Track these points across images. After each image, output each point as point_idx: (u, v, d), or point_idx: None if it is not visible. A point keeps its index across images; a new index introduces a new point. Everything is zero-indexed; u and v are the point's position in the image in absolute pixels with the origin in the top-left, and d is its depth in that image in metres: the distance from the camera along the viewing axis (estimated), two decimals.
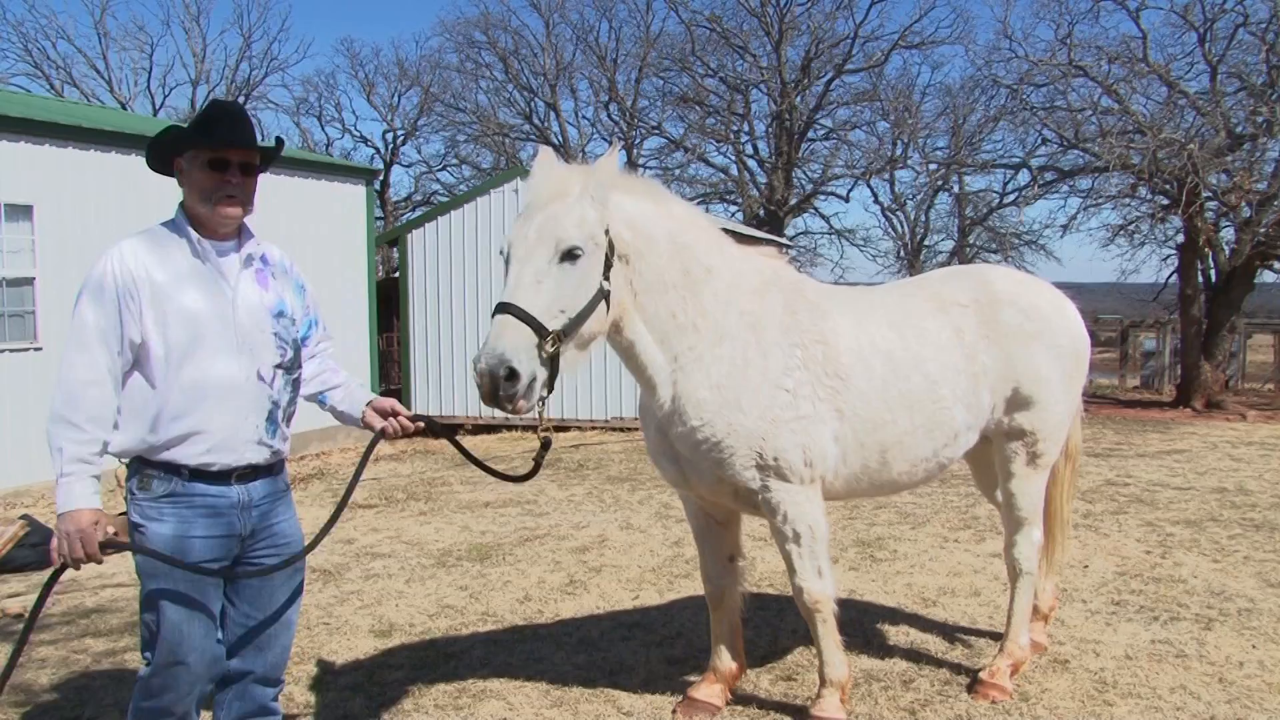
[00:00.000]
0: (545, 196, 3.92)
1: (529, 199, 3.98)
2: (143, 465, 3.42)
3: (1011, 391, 4.90)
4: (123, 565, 7.36)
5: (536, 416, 3.85)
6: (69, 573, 3.47)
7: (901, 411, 4.58)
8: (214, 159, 3.40)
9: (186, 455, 3.39)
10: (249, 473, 3.52)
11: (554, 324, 3.77)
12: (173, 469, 3.40)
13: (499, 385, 3.63)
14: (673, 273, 4.22)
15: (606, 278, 3.96)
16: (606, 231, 3.96)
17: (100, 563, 3.29)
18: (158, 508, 3.41)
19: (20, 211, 11.34)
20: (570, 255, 3.83)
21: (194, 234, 3.44)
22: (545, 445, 3.96)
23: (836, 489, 4.60)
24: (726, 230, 4.86)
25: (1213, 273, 19.58)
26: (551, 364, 3.78)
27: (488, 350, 3.66)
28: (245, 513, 3.52)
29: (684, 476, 4.51)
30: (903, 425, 4.58)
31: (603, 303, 3.96)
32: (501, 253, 3.98)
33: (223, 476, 3.46)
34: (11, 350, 11.23)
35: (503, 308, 3.74)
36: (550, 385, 3.80)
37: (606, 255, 3.95)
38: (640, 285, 4.15)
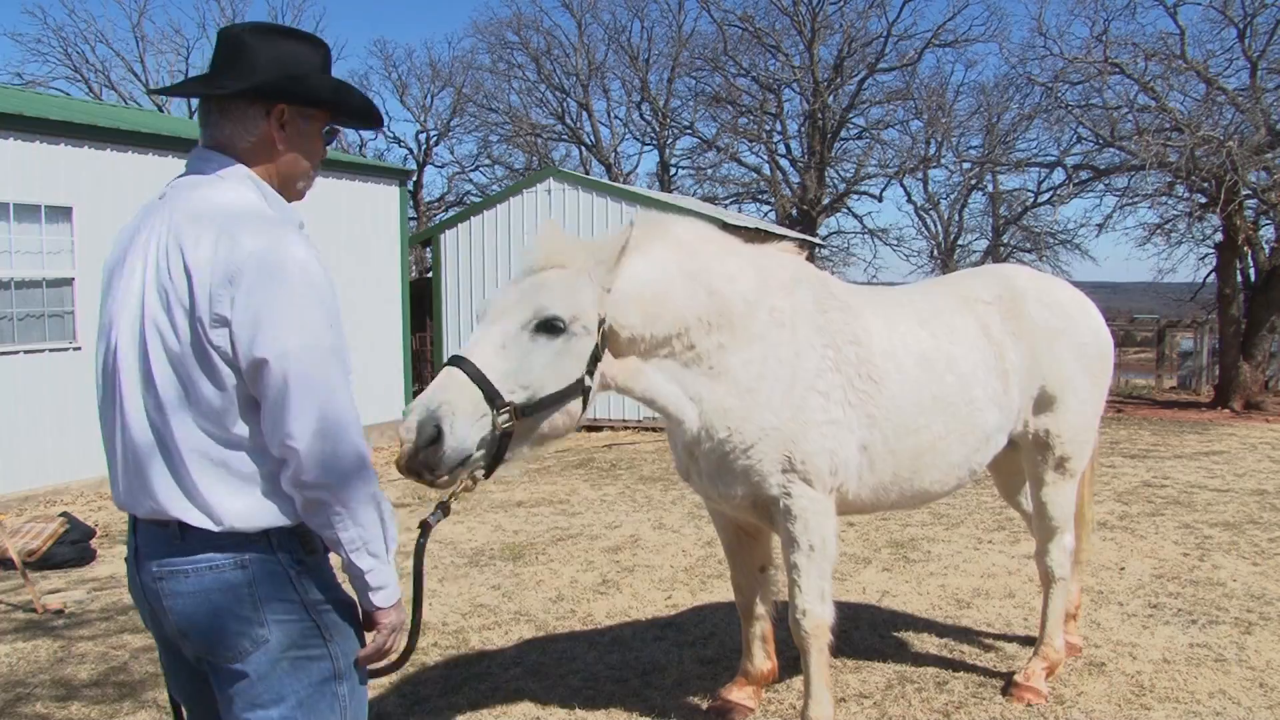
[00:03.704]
0: (540, 263, 3.61)
1: (524, 264, 3.66)
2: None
3: (1039, 390, 4.81)
4: None
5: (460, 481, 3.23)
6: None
7: (935, 415, 4.41)
8: (332, 130, 2.71)
9: None
10: None
11: (512, 397, 3.32)
12: None
13: (418, 446, 3.11)
14: (695, 305, 3.93)
15: (590, 373, 3.56)
16: (602, 321, 3.62)
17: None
18: (328, 567, 2.55)
19: (60, 213, 11.49)
20: (549, 327, 3.45)
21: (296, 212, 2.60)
22: (444, 510, 2.96)
23: (863, 499, 4.41)
24: (757, 230, 4.76)
25: (1252, 272, 19.33)
26: (499, 443, 3.28)
27: (420, 401, 3.18)
28: None
29: (708, 493, 4.34)
30: (936, 430, 4.43)
31: (579, 400, 3.54)
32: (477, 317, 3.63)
33: None
34: (51, 350, 11.37)
35: (454, 360, 3.30)
36: (490, 468, 3.30)
37: (596, 347, 3.58)
38: (649, 345, 3.87)
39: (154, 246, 2.38)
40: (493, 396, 3.25)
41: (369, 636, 2.53)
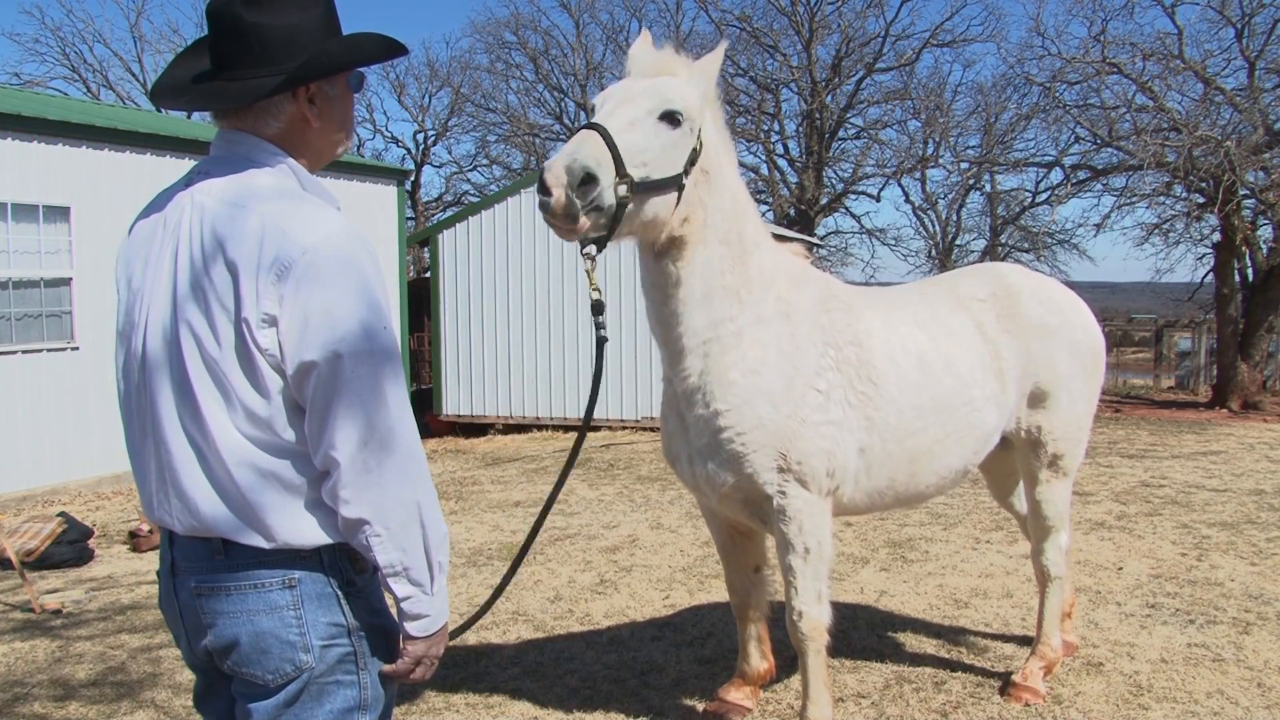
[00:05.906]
0: (651, 69, 3.73)
1: (631, 69, 3.78)
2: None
3: (1033, 388, 4.80)
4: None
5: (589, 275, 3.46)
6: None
7: (933, 417, 4.39)
8: (358, 76, 2.46)
9: None
10: None
11: (632, 171, 3.46)
12: None
13: (573, 189, 3.27)
14: (731, 226, 3.95)
15: (687, 173, 3.69)
16: (699, 131, 3.74)
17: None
18: (377, 587, 2.37)
19: (58, 213, 11.50)
20: (670, 118, 3.58)
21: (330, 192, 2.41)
22: (605, 337, 3.39)
23: (858, 503, 4.38)
24: None
25: (1249, 271, 19.36)
26: (616, 211, 3.43)
27: (566, 154, 3.33)
28: None
29: (695, 478, 4.25)
30: (934, 432, 4.40)
31: (675, 193, 3.66)
32: (590, 108, 3.80)
33: None
34: (50, 350, 11.37)
35: (590, 126, 3.47)
36: (604, 240, 3.48)
37: (694, 150, 3.71)
38: (711, 217, 3.87)
39: (184, 240, 2.17)
40: (619, 165, 3.43)
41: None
